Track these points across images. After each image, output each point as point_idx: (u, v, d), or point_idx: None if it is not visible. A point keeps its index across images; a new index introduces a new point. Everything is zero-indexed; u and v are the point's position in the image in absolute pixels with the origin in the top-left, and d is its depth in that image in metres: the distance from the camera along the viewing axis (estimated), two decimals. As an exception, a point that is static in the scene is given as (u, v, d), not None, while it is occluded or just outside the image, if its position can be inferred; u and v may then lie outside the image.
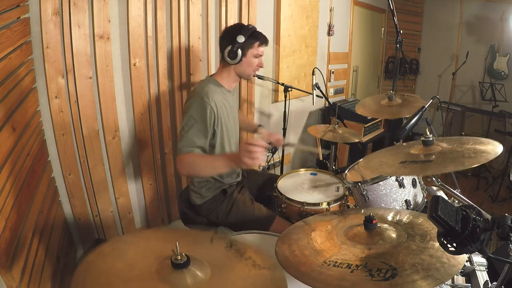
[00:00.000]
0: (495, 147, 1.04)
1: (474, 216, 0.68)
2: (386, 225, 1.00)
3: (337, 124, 2.19)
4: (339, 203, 1.58)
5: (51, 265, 1.49)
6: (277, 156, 2.76)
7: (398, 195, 1.46)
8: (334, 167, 2.53)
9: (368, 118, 3.11)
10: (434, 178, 1.47)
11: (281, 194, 1.62)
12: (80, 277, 0.67)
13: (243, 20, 2.43)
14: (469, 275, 1.19)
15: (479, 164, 0.96)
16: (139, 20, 1.89)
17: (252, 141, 1.12)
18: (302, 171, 1.91)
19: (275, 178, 1.79)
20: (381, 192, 1.47)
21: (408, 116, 1.54)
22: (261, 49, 1.54)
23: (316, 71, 2.29)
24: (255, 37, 1.50)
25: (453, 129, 4.40)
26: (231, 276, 0.75)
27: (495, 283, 1.03)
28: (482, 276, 1.16)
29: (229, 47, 1.47)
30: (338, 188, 1.70)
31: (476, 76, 4.43)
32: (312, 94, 2.24)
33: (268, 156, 2.68)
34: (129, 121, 2.00)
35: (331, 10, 3.44)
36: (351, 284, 0.76)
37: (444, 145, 1.15)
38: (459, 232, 0.67)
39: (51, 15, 1.57)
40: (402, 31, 1.90)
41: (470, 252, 0.68)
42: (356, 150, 3.23)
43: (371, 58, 4.66)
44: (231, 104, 1.62)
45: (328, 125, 2.32)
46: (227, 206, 1.58)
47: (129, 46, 1.88)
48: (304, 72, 3.17)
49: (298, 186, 1.73)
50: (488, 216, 0.76)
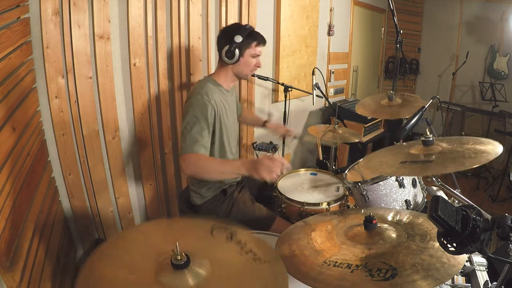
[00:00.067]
0: (495, 147, 1.04)
1: (474, 216, 0.68)
2: (386, 225, 1.00)
3: (337, 124, 2.19)
4: (339, 203, 1.58)
5: (51, 265, 1.49)
6: (277, 156, 2.76)
7: (398, 195, 1.46)
8: (334, 167, 2.53)
9: (368, 118, 3.11)
10: (434, 178, 1.47)
11: (281, 194, 1.62)
12: (83, 283, 0.67)
13: (243, 20, 2.43)
14: (469, 275, 1.19)
15: (480, 164, 0.96)
16: (139, 20, 1.89)
17: (275, 157, 1.14)
18: (302, 171, 1.92)
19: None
20: (381, 192, 1.47)
21: (408, 116, 1.54)
22: (258, 49, 1.54)
23: (316, 71, 2.29)
24: (252, 37, 1.51)
25: (453, 129, 4.40)
26: (232, 271, 0.75)
27: (495, 283, 1.03)
28: (482, 276, 1.16)
29: (226, 47, 1.47)
30: (338, 188, 1.70)
31: (476, 76, 4.43)
32: (312, 94, 2.24)
33: (268, 156, 2.68)
34: (129, 121, 2.00)
35: (331, 10, 3.44)
36: (351, 284, 0.76)
37: (444, 145, 1.15)
38: (459, 232, 0.67)
39: (51, 15, 1.57)
40: (402, 31, 1.90)
41: (470, 252, 0.68)
42: (356, 150, 3.23)
43: (371, 58, 4.66)
44: (230, 103, 1.62)
45: (328, 125, 2.32)
46: (227, 207, 1.58)
47: (129, 46, 1.88)
48: (304, 72, 3.17)
49: (298, 186, 1.73)
50: (488, 216, 0.76)
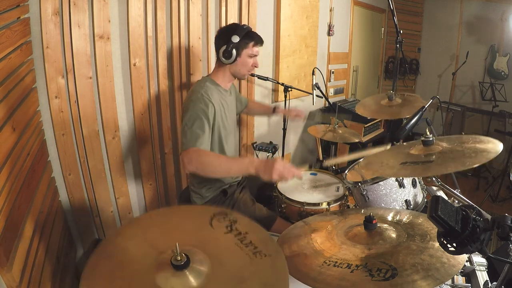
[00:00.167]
0: (495, 145, 1.04)
1: (474, 216, 0.68)
2: (386, 225, 1.00)
3: (337, 124, 2.19)
4: (339, 203, 1.58)
5: (51, 265, 1.49)
6: (277, 156, 2.76)
7: (398, 195, 1.46)
8: (334, 167, 2.53)
9: (368, 118, 3.11)
10: (434, 178, 1.47)
11: (281, 194, 1.62)
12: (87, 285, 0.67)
13: (243, 20, 2.43)
14: (469, 275, 1.19)
15: (480, 163, 0.96)
16: (139, 20, 1.89)
17: (291, 166, 1.16)
18: (302, 171, 1.91)
19: (275, 178, 1.79)
20: (381, 192, 1.47)
21: (408, 116, 1.54)
22: (255, 49, 1.54)
23: (316, 71, 2.29)
24: (249, 37, 1.51)
25: (453, 129, 4.40)
26: (232, 267, 0.75)
27: (495, 283, 1.03)
28: (482, 276, 1.16)
29: (224, 47, 1.47)
30: (338, 188, 1.70)
31: (476, 76, 4.43)
32: (312, 94, 2.24)
33: (268, 156, 2.68)
34: (129, 121, 2.00)
35: (331, 10, 3.44)
36: (351, 284, 0.76)
37: (444, 144, 1.15)
38: (459, 232, 0.67)
39: (51, 15, 1.57)
40: (402, 31, 1.90)
41: (470, 252, 0.68)
42: (356, 150, 3.22)
43: (371, 58, 4.66)
44: (229, 103, 1.62)
45: (328, 125, 2.32)
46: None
47: (129, 46, 1.88)
48: (304, 72, 3.17)
49: (298, 186, 1.73)
50: (488, 216, 0.75)
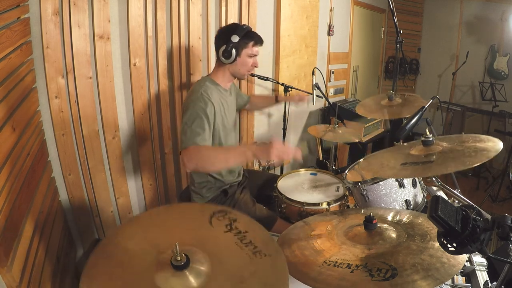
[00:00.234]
0: (495, 144, 1.04)
1: (474, 216, 0.68)
2: (386, 225, 1.00)
3: (337, 124, 2.19)
4: (339, 203, 1.58)
5: (51, 265, 1.49)
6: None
7: (398, 195, 1.46)
8: (334, 167, 2.53)
9: (368, 118, 3.11)
10: (434, 178, 1.47)
11: (281, 194, 1.62)
12: (86, 284, 0.67)
13: (243, 20, 2.43)
14: (469, 275, 1.19)
15: (481, 163, 0.96)
16: (139, 20, 1.89)
17: (288, 146, 1.19)
18: (302, 171, 1.91)
19: (275, 178, 1.79)
20: (381, 192, 1.47)
21: (408, 116, 1.54)
22: (255, 49, 1.54)
23: (316, 71, 2.29)
24: (249, 37, 1.51)
25: (453, 129, 4.40)
26: (232, 266, 0.75)
27: (495, 283, 1.03)
28: (482, 276, 1.16)
29: (223, 47, 1.48)
30: (338, 188, 1.70)
31: (476, 76, 4.43)
32: (312, 94, 2.24)
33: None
34: (129, 121, 2.00)
35: (331, 10, 3.43)
36: (351, 284, 0.76)
37: (444, 144, 1.15)
38: (459, 232, 0.67)
39: (51, 15, 1.57)
40: (402, 31, 1.90)
41: (470, 252, 0.68)
42: (356, 150, 3.23)
43: (371, 58, 4.66)
44: (229, 103, 1.62)
45: (328, 125, 2.32)
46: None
47: (129, 46, 1.88)
48: (304, 72, 3.17)
49: (298, 186, 1.73)
50: (488, 216, 0.75)
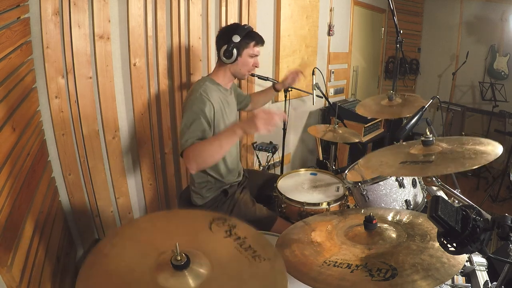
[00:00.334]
0: (495, 148, 1.04)
1: (474, 216, 0.68)
2: (386, 225, 1.00)
3: (337, 124, 2.19)
4: (339, 203, 1.58)
5: (51, 265, 1.49)
6: (277, 156, 2.76)
7: (398, 195, 1.46)
8: (334, 167, 2.53)
9: (368, 118, 3.11)
10: (434, 178, 1.47)
11: (281, 194, 1.62)
12: (82, 284, 0.67)
13: (243, 20, 2.43)
14: (469, 275, 1.19)
15: (480, 165, 0.96)
16: (139, 19, 1.89)
17: (271, 111, 1.15)
18: (302, 171, 1.91)
19: (275, 178, 1.79)
20: (381, 192, 1.47)
21: (408, 116, 1.54)
22: (256, 49, 1.55)
23: (316, 71, 2.29)
24: (250, 37, 1.51)
25: (453, 129, 4.40)
26: (232, 270, 0.75)
27: (495, 283, 1.03)
28: (482, 276, 1.16)
29: (224, 47, 1.48)
30: (338, 188, 1.70)
31: (476, 76, 4.43)
32: (312, 94, 2.24)
33: (268, 156, 2.68)
34: (129, 121, 2.00)
35: (331, 10, 3.43)
36: (351, 284, 0.76)
37: (444, 145, 1.15)
38: (459, 232, 0.67)
39: (51, 15, 1.57)
40: (402, 31, 1.90)
41: (470, 252, 0.68)
42: (356, 150, 3.23)
43: (371, 58, 4.66)
44: (230, 102, 1.63)
45: (328, 125, 2.32)
46: (228, 207, 1.58)
47: (129, 46, 1.88)
48: (304, 72, 3.17)
49: (298, 186, 1.73)
50: (488, 216, 0.75)
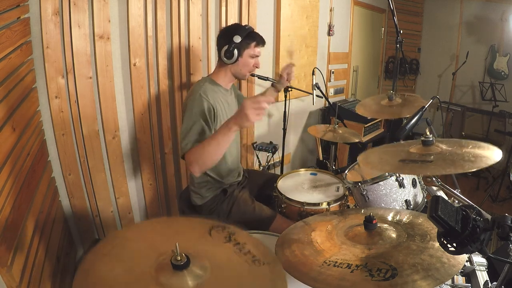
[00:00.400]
0: (494, 153, 1.04)
1: (474, 216, 0.68)
2: (386, 225, 1.00)
3: (337, 124, 2.19)
4: (339, 203, 1.58)
5: (51, 265, 1.49)
6: (277, 156, 2.76)
7: (398, 195, 1.46)
8: (334, 167, 2.53)
9: (368, 118, 3.11)
10: (434, 178, 1.47)
11: (281, 194, 1.62)
12: (79, 282, 0.66)
13: (243, 20, 2.43)
14: (469, 275, 1.19)
15: (479, 168, 0.96)
16: (139, 20, 1.89)
17: (256, 97, 1.14)
18: (302, 171, 1.91)
19: (275, 178, 1.79)
20: (381, 192, 1.47)
21: (408, 116, 1.54)
22: (257, 49, 1.55)
23: (316, 71, 2.29)
24: (251, 37, 1.51)
25: (453, 129, 4.40)
26: (231, 273, 0.75)
27: (495, 283, 1.03)
28: (482, 276, 1.16)
29: (225, 47, 1.48)
30: (338, 188, 1.70)
31: (476, 76, 4.43)
32: (312, 94, 2.24)
33: (268, 156, 2.68)
34: (129, 121, 2.00)
35: (331, 10, 3.43)
36: (351, 284, 0.76)
37: (444, 146, 1.15)
38: (459, 232, 0.67)
39: (51, 15, 1.57)
40: (402, 31, 1.90)
41: (470, 252, 0.68)
42: (356, 150, 3.23)
43: (371, 58, 4.66)
44: (230, 103, 1.63)
45: (328, 125, 2.32)
46: (227, 205, 1.58)
47: (129, 46, 1.88)
48: (304, 72, 3.17)
49: (298, 186, 1.73)
50: (488, 216, 0.76)
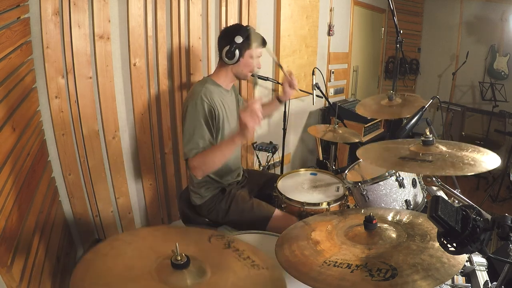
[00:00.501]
0: (493, 159, 1.05)
1: (474, 216, 0.68)
2: (386, 225, 1.00)
3: (337, 124, 2.19)
4: (339, 203, 1.58)
5: (51, 265, 1.49)
6: (277, 156, 2.76)
7: (398, 195, 1.46)
8: (334, 167, 2.53)
9: (368, 118, 3.11)
10: (434, 178, 1.47)
11: (281, 194, 1.62)
12: (78, 277, 0.66)
13: (243, 20, 2.43)
14: (469, 275, 1.19)
15: (477, 172, 0.97)
16: (139, 20, 1.89)
17: (249, 107, 1.17)
18: (302, 171, 1.91)
19: (275, 178, 1.79)
20: (381, 192, 1.47)
21: (408, 116, 1.54)
22: (258, 50, 1.56)
23: (316, 71, 2.29)
24: (253, 38, 1.52)
25: (453, 129, 4.40)
26: (231, 276, 0.75)
27: (495, 283, 1.03)
28: (482, 276, 1.16)
29: (227, 47, 1.49)
30: (338, 188, 1.70)
31: (476, 76, 4.43)
32: (312, 94, 2.24)
33: (268, 156, 2.68)
34: (129, 121, 2.00)
35: (331, 10, 3.43)
36: (351, 284, 0.76)
37: (443, 148, 1.15)
38: (459, 232, 0.67)
39: (51, 15, 1.57)
40: (402, 31, 1.89)
41: (470, 252, 0.68)
42: (356, 150, 3.23)
43: (371, 58, 4.66)
44: (230, 103, 1.63)
45: (328, 125, 2.32)
46: (226, 204, 1.59)
47: (129, 46, 1.88)
48: (304, 72, 3.17)
49: (298, 186, 1.72)
50: (488, 216, 0.76)
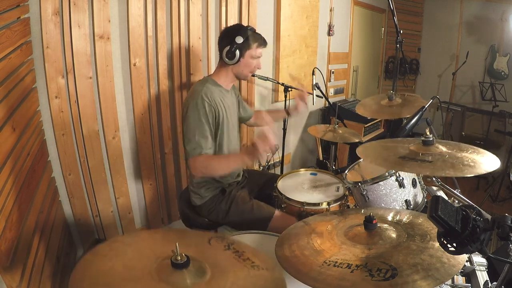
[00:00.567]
0: (492, 161, 1.05)
1: (474, 216, 0.68)
2: (386, 225, 1.00)
3: (337, 124, 2.19)
4: (339, 203, 1.58)
5: (51, 265, 1.49)
6: (277, 156, 2.76)
7: (398, 195, 1.46)
8: (334, 167, 2.53)
9: (368, 118, 3.11)
10: (434, 178, 1.47)
11: (281, 194, 1.62)
12: (78, 277, 0.66)
13: (243, 20, 2.43)
14: (469, 275, 1.19)
15: (477, 174, 0.97)
16: (139, 20, 1.89)
17: (264, 135, 1.21)
18: (302, 171, 1.91)
19: (275, 178, 1.79)
20: (381, 192, 1.47)
21: (408, 116, 1.54)
22: (259, 50, 1.56)
23: (316, 71, 2.29)
24: (253, 38, 1.52)
25: (453, 129, 4.40)
26: (231, 276, 0.75)
27: (495, 283, 1.03)
28: (482, 276, 1.16)
29: (227, 48, 1.49)
30: (338, 188, 1.70)
31: (476, 76, 4.43)
32: (312, 94, 2.24)
33: (268, 156, 2.68)
34: (129, 121, 2.00)
35: (331, 10, 3.43)
36: (351, 284, 0.76)
37: (443, 148, 1.15)
38: (459, 232, 0.67)
39: (51, 15, 1.57)
40: (402, 31, 1.89)
41: (470, 252, 0.68)
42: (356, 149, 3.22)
43: (371, 58, 4.66)
44: (230, 103, 1.64)
45: (328, 125, 2.32)
46: (226, 204, 1.59)
47: (129, 46, 1.88)
48: (304, 72, 3.17)
49: (298, 186, 1.73)
50: (488, 216, 0.75)
